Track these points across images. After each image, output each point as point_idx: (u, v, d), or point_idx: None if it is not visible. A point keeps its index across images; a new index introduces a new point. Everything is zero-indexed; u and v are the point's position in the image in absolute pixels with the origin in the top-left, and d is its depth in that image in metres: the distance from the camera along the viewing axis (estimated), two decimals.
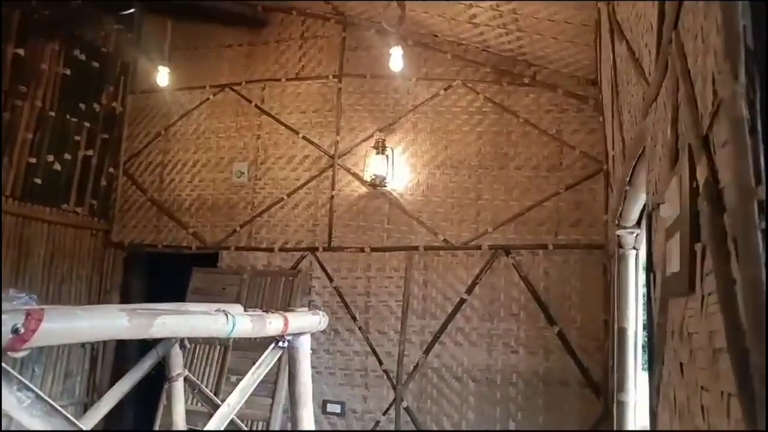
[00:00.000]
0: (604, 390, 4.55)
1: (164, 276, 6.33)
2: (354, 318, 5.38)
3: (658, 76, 1.51)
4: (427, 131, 5.51)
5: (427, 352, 5.14)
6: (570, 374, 4.78)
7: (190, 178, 6.15)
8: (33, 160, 5.44)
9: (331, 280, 5.50)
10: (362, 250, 5.48)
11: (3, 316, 1.38)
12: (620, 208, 3.03)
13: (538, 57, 5.20)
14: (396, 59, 5.05)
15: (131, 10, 3.99)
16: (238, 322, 2.33)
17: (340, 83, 5.83)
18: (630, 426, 3.35)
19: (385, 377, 5.20)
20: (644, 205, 2.85)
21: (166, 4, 5.04)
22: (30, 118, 5.41)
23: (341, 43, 5.91)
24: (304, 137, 5.84)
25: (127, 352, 5.90)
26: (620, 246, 3.52)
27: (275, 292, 5.37)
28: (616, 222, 3.25)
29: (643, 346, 3.32)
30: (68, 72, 5.78)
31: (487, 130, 5.35)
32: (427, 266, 5.29)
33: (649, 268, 1.65)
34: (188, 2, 5.41)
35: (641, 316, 3.58)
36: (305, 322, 2.88)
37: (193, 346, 5.14)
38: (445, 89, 5.50)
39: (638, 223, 3.19)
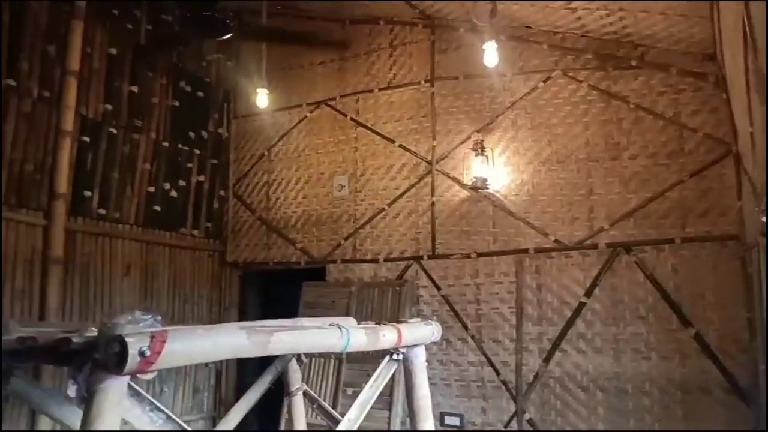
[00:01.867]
0: (754, 397, 4.05)
1: (277, 291, 6.55)
2: (465, 327, 5.21)
3: None
4: (527, 127, 5.26)
5: (547, 360, 4.86)
6: (711, 380, 4.31)
7: (294, 195, 6.31)
8: (152, 189, 5.83)
9: (438, 288, 5.38)
10: (468, 255, 5.31)
11: (130, 340, 1.40)
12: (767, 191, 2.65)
13: (645, 36, 4.80)
14: (490, 54, 4.83)
15: (229, 35, 4.15)
16: (353, 336, 2.28)
17: (432, 87, 5.73)
18: None
19: (504, 388, 4.98)
20: None
21: (257, 30, 5.23)
22: (146, 149, 5.81)
23: (431, 47, 5.82)
24: (400, 145, 5.80)
25: (248, 367, 6.14)
26: (765, 235, 3.10)
27: (384, 303, 5.33)
28: (763, 207, 2.86)
29: None
30: (177, 103, 6.16)
31: (594, 120, 5.01)
32: (540, 269, 5.02)
33: None
34: (277, 28, 5.60)
35: None
36: (419, 333, 2.78)
37: (309, 359, 5.23)
38: (544, 81, 5.23)
39: None
